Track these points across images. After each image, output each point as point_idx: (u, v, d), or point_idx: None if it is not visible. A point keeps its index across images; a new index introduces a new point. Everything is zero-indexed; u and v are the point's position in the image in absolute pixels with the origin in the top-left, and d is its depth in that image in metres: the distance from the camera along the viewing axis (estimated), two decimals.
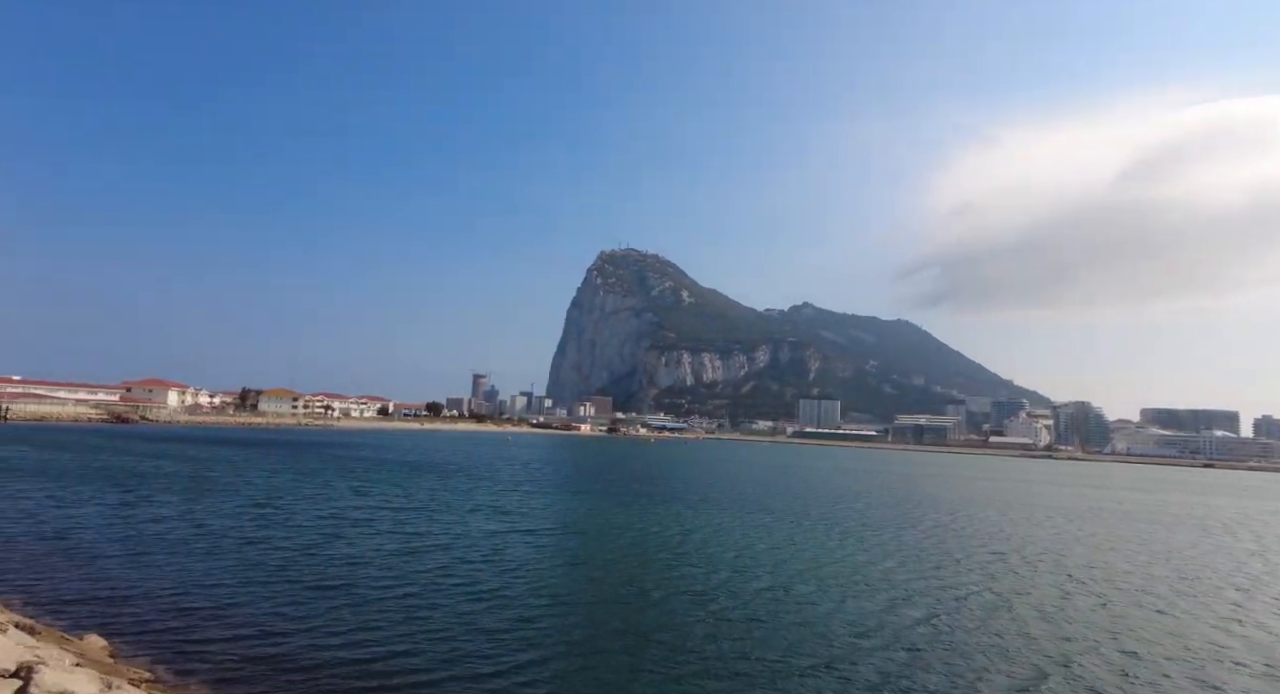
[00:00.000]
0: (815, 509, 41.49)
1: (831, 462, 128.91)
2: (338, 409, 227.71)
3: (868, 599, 18.74)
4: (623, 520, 32.57)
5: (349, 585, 17.37)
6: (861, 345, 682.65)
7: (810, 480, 70.41)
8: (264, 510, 29.69)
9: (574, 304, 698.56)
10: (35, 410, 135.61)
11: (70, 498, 30.78)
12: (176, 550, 20.66)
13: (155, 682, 10.54)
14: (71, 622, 13.40)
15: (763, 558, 24.32)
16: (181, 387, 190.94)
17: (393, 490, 40.71)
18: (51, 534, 22.48)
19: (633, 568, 21.69)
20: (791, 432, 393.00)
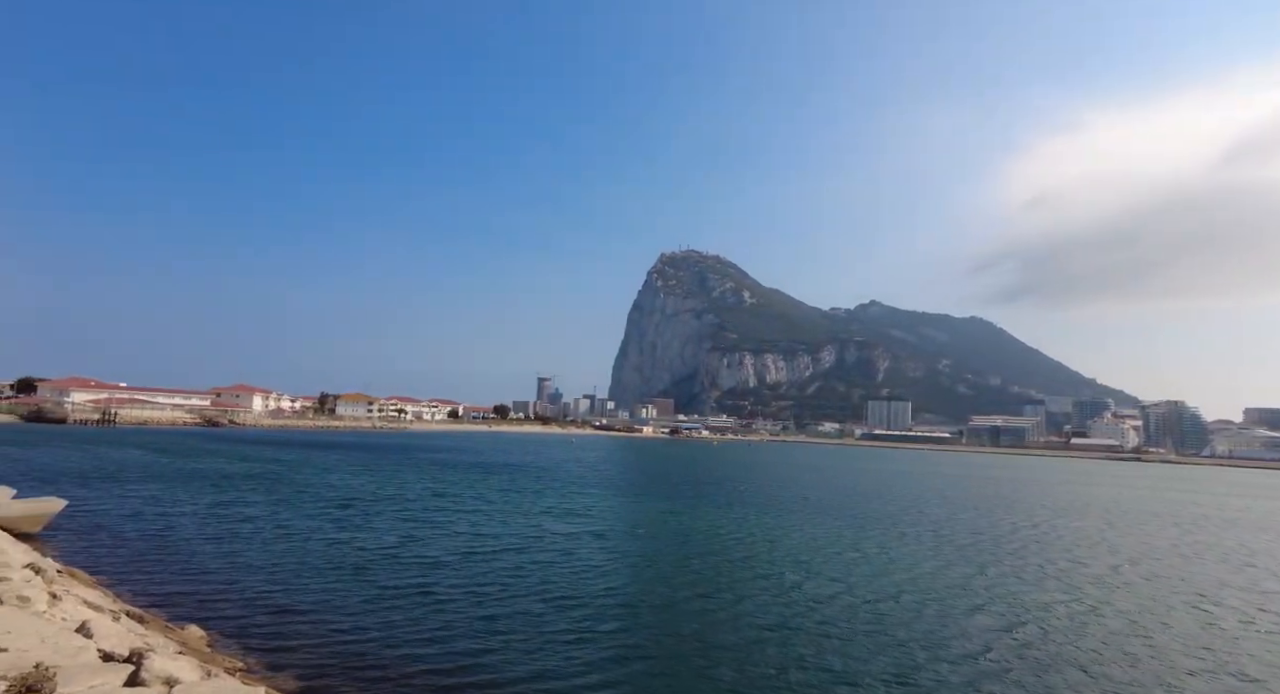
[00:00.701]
0: (892, 514, 40.03)
1: (904, 464, 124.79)
2: (410, 412, 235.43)
3: (963, 614, 17.65)
4: (692, 524, 32.21)
5: (428, 586, 17.72)
6: (933, 344, 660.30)
7: (884, 484, 68.09)
8: (346, 512, 30.75)
9: (635, 307, 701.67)
10: (139, 415, 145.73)
11: (170, 498, 32.84)
12: (266, 549, 21.64)
13: (247, 671, 11.10)
14: (173, 613, 14.25)
15: (840, 565, 23.53)
16: (265, 392, 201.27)
17: (466, 492, 41.62)
18: (154, 532, 24.03)
19: (705, 573, 21.33)
20: (860, 434, 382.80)
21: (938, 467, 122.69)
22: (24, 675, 5.32)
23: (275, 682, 10.68)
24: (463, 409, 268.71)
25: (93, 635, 8.01)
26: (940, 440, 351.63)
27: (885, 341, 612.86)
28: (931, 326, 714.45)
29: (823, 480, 69.65)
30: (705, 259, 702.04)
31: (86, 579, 15.86)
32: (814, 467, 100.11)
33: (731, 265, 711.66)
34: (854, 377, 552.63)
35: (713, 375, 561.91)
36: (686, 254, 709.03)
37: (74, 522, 24.50)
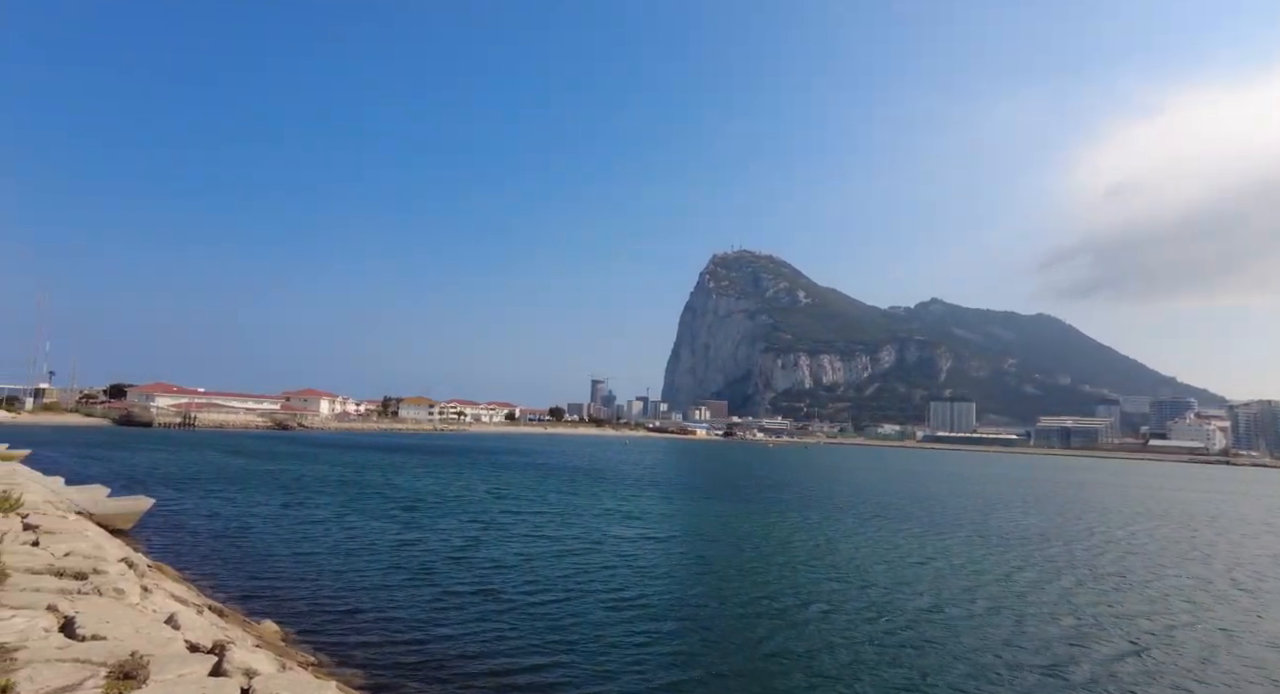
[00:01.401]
0: (965, 519, 38.49)
1: (970, 467, 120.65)
2: (469, 414, 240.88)
3: (1049, 624, 16.66)
4: (754, 527, 31.68)
5: (492, 589, 17.88)
6: (998, 342, 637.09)
7: (951, 487, 65.85)
8: (412, 513, 31.40)
9: (687, 308, 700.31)
10: (215, 418, 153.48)
11: (245, 499, 34.45)
12: (335, 550, 22.36)
13: (318, 666, 11.56)
14: (250, 608, 14.95)
15: (914, 572, 22.59)
16: (332, 396, 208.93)
17: (527, 494, 42.22)
18: (232, 531, 25.27)
19: (770, 579, 20.70)
20: (922, 435, 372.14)
21: (1007, 469, 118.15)
22: (122, 663, 5.72)
23: (344, 677, 11.09)
24: (519, 411, 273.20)
25: (180, 627, 8.51)
26: (1007, 442, 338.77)
27: (948, 340, 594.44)
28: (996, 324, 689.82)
29: (886, 483, 67.90)
30: (758, 259, 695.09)
31: (173, 574, 16.81)
32: (876, 469, 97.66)
33: (785, 265, 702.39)
34: (915, 377, 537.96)
35: (767, 376, 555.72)
36: (739, 254, 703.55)
37: (160, 519, 25.97)
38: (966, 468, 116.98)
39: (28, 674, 5.32)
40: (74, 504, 21.84)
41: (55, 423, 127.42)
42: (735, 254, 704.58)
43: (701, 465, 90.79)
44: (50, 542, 11.73)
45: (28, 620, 6.82)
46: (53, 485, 24.79)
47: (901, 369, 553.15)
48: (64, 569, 9.70)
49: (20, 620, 6.78)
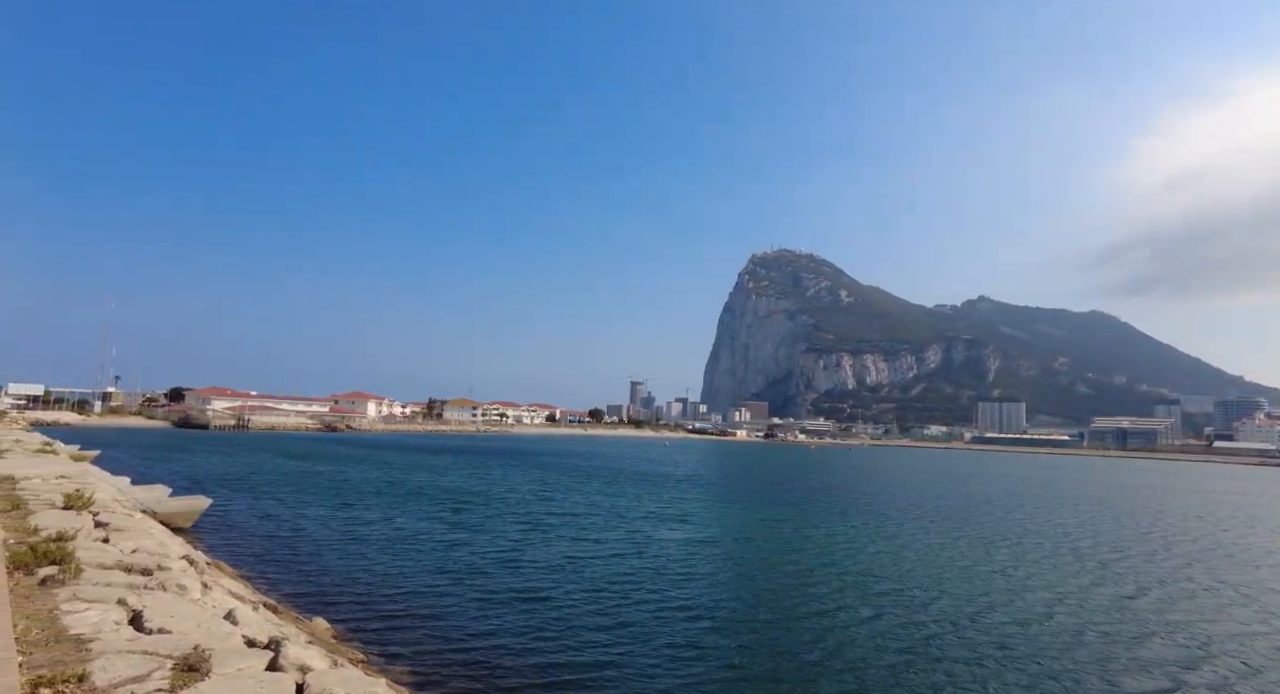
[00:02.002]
0: (1019, 523, 37.20)
1: (1022, 469, 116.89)
2: (511, 416, 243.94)
3: (1152, 642, 15.65)
4: (800, 531, 31.06)
5: (538, 591, 17.89)
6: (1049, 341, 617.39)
7: (1008, 490, 63.62)
8: (460, 515, 31.78)
9: (726, 309, 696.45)
10: (268, 421, 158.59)
11: (298, 499, 35.56)
12: (384, 550, 22.85)
13: (368, 663, 11.91)
14: (302, 606, 15.47)
15: (969, 580, 21.79)
16: (379, 398, 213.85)
17: (570, 495, 42.49)
18: (285, 530, 26.12)
19: (829, 587, 20.01)
20: (970, 437, 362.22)
21: (1061, 471, 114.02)
22: (186, 656, 6.02)
23: (393, 674, 11.39)
24: (559, 413, 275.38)
25: (238, 623, 8.88)
26: (1059, 443, 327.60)
27: (995, 339, 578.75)
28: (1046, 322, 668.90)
29: (938, 486, 66.30)
30: (798, 258, 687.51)
31: (230, 571, 17.48)
32: (925, 471, 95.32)
33: (826, 263, 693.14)
34: (962, 377, 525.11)
35: (808, 377, 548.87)
36: (779, 254, 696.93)
37: (217, 518, 27.01)
38: (1019, 470, 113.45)
39: (101, 664, 5.64)
40: (139, 503, 22.87)
41: (120, 425, 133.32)
42: (775, 253, 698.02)
43: (743, 467, 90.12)
44: (119, 539, 12.32)
45: (100, 613, 7.21)
46: (120, 485, 25.99)
47: (948, 369, 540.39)
48: (132, 565, 10.19)
49: (93, 613, 7.18)
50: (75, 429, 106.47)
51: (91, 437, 78.74)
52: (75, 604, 7.46)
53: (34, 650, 5.89)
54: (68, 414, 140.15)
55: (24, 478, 19.29)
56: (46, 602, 7.48)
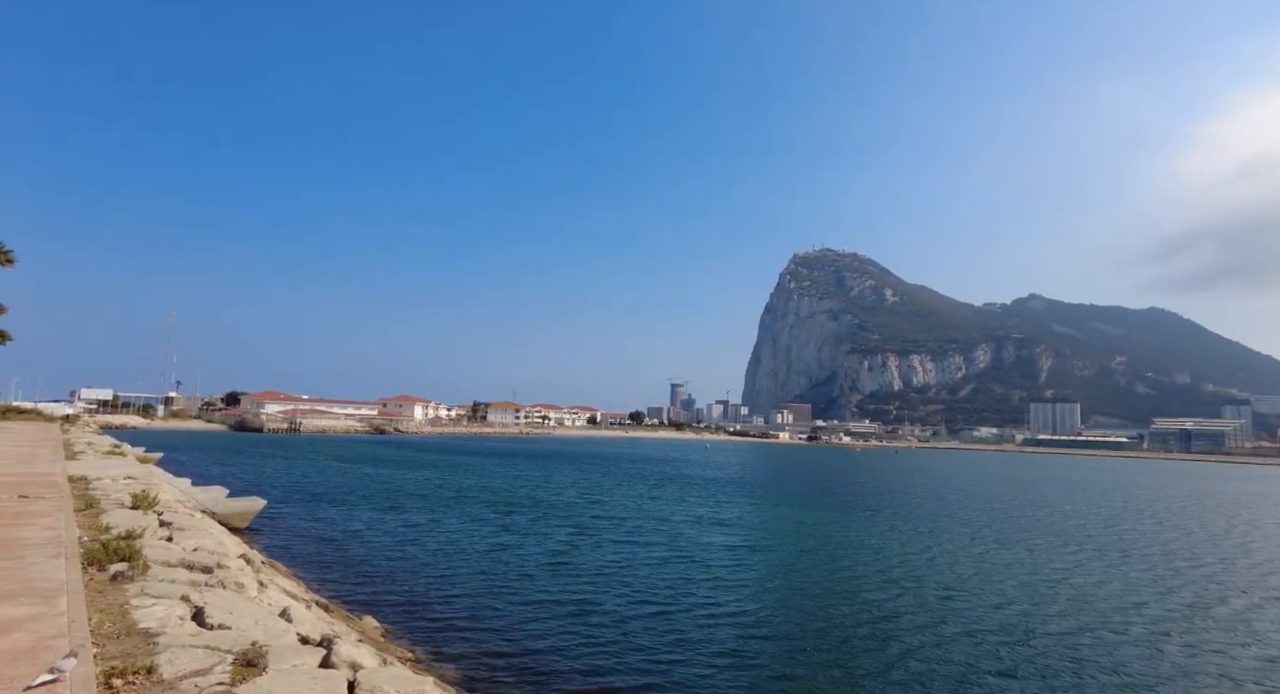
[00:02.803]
0: (1093, 531, 35.55)
1: (1080, 472, 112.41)
2: (553, 419, 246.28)
3: (1244, 656, 14.77)
4: (853, 537, 30.13)
5: (585, 594, 17.77)
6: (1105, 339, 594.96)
7: (1067, 494, 61.18)
8: (506, 517, 31.89)
9: (767, 310, 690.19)
10: (319, 424, 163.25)
11: (348, 501, 36.57)
12: (432, 551, 23.25)
13: (416, 661, 12.19)
14: (352, 604, 15.92)
15: (1051, 590, 20.68)
16: (425, 401, 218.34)
17: (617, 498, 42.54)
18: (335, 531, 26.88)
19: (885, 595, 19.37)
20: (1021, 439, 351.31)
21: (1123, 475, 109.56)
22: (244, 651, 6.28)
23: (441, 672, 11.63)
24: (600, 415, 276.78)
25: (292, 620, 9.19)
26: (1116, 445, 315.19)
27: (1048, 338, 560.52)
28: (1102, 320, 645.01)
29: (989, 489, 64.57)
30: (841, 257, 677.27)
31: (284, 570, 18.07)
32: (975, 474, 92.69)
33: (871, 262, 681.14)
34: (1013, 377, 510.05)
35: (853, 378, 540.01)
36: (821, 253, 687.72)
37: (271, 519, 27.95)
38: (1078, 473, 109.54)
39: (167, 658, 5.94)
40: (199, 503, 23.83)
41: (181, 428, 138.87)
42: (817, 253, 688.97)
43: (788, 470, 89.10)
44: (181, 537, 12.87)
45: (166, 608, 7.57)
46: (181, 486, 27.08)
47: (998, 369, 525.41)
48: (193, 563, 10.64)
49: (160, 608, 7.54)
50: (140, 432, 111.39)
51: (155, 439, 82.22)
52: (143, 599, 7.85)
53: (107, 643, 6.23)
54: (134, 418, 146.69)
55: (96, 478, 20.29)
56: (117, 596, 7.88)
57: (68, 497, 15.62)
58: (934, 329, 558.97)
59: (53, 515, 12.81)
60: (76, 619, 6.59)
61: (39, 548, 9.82)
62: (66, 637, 6.06)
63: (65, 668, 5.10)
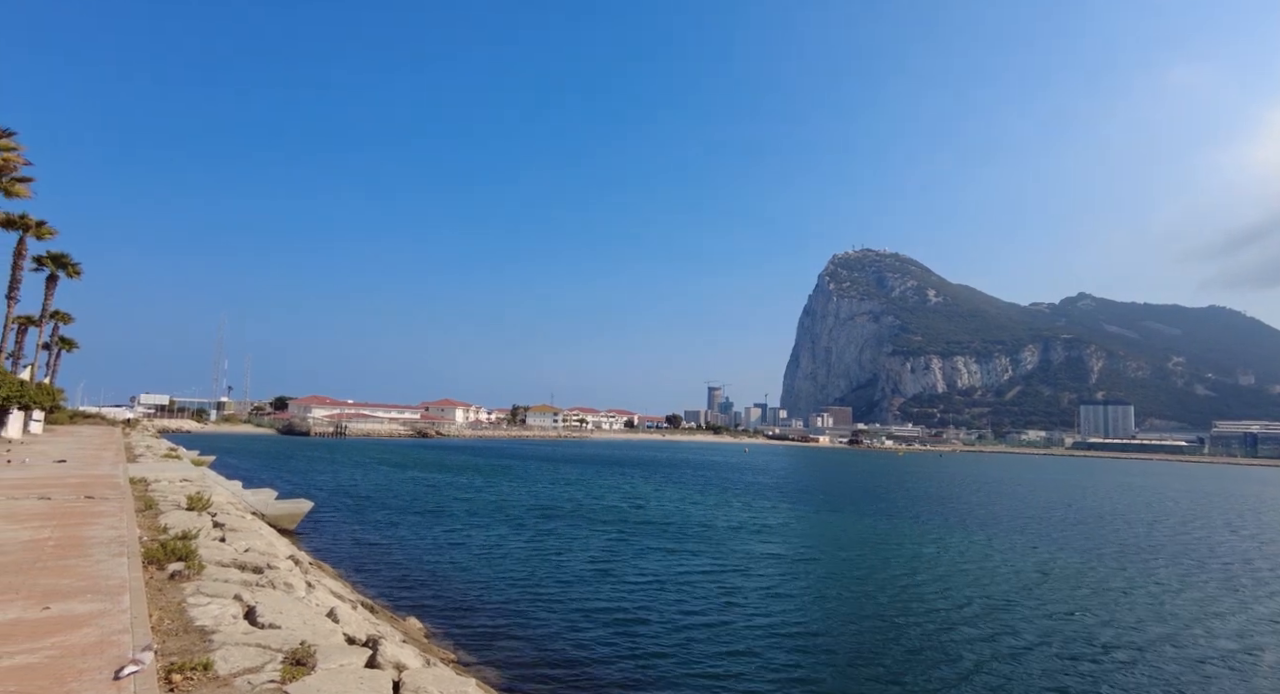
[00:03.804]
0: (1162, 540, 33.92)
1: (1136, 477, 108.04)
2: (590, 422, 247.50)
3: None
4: (907, 547, 28.48)
5: (630, 603, 17.57)
6: (1160, 339, 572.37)
7: (1129, 501, 58.51)
8: (549, 523, 31.75)
9: (805, 312, 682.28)
10: (364, 428, 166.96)
11: (393, 504, 37.36)
12: (474, 555, 23.49)
13: (459, 663, 12.39)
14: (395, 605, 16.25)
15: (1122, 603, 19.66)
16: (466, 405, 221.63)
17: (658, 502, 42.28)
18: (380, 533, 27.48)
19: (941, 602, 18.74)
20: (1072, 442, 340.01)
21: (1184, 480, 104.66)
22: (294, 650, 6.48)
23: (482, 674, 11.80)
24: (637, 419, 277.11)
25: (339, 621, 9.44)
26: (1174, 449, 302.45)
27: (1098, 338, 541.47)
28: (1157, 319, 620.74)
29: (1046, 495, 62.46)
30: (882, 257, 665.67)
31: (330, 571, 18.55)
32: (1027, 479, 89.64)
33: (913, 262, 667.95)
34: (1062, 379, 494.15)
35: (895, 381, 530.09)
36: (861, 254, 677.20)
37: (317, 521, 28.71)
38: (1137, 478, 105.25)
39: (222, 655, 6.16)
40: (250, 505, 24.61)
41: (232, 432, 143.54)
42: (857, 254, 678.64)
43: (831, 474, 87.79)
44: (233, 538, 13.32)
45: (220, 607, 7.85)
46: (233, 488, 27.98)
47: (1046, 370, 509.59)
48: (245, 563, 11.01)
49: (214, 607, 7.82)
50: (194, 435, 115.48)
51: (208, 443, 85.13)
52: (199, 598, 8.15)
53: (166, 639, 6.50)
54: (188, 422, 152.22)
55: (154, 481, 21.13)
56: (175, 595, 8.21)
57: (129, 498, 16.30)
58: (979, 330, 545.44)
59: (116, 516, 13.39)
60: (138, 616, 6.89)
61: (104, 546, 10.29)
62: (130, 632, 6.34)
63: (145, 660, 5.51)
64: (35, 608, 6.99)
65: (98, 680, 5.20)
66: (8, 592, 7.56)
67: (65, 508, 14.23)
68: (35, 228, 41.98)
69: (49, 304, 56.00)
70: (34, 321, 58.65)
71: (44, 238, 43.73)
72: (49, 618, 6.71)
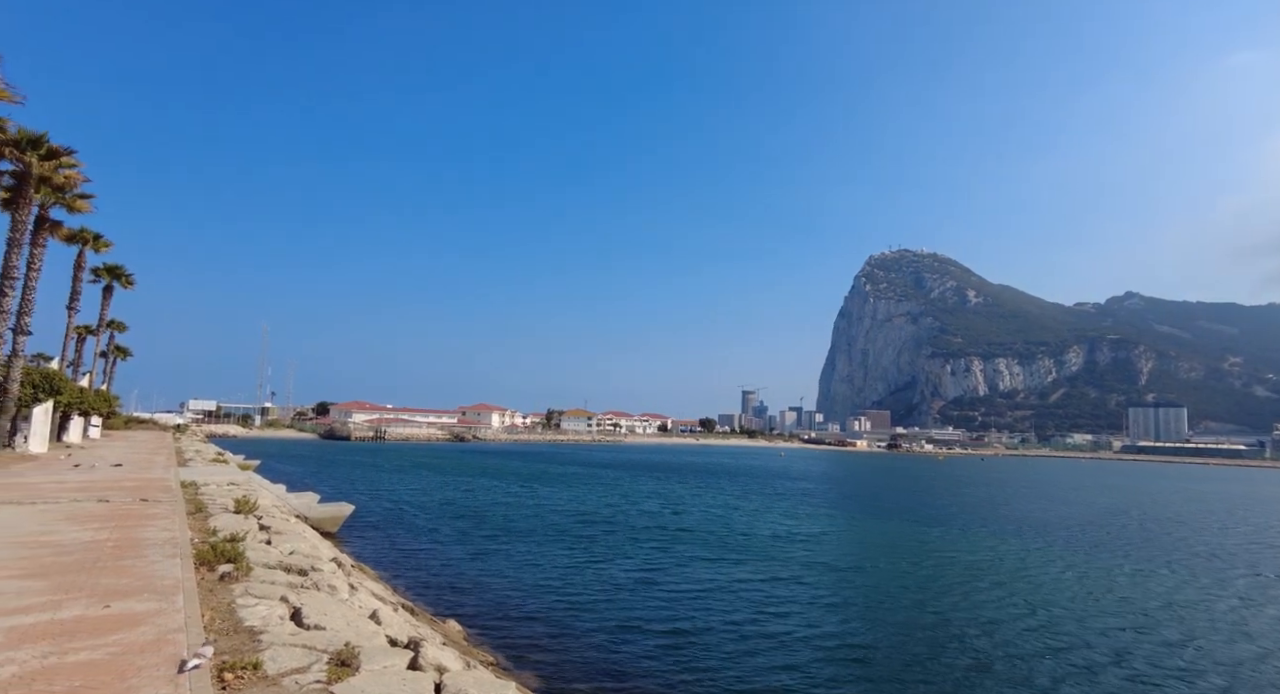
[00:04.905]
0: (1236, 549, 32.34)
1: (1193, 482, 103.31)
2: (624, 426, 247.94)
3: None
4: (963, 555, 27.77)
5: (672, 611, 17.27)
6: (1215, 339, 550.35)
7: (1192, 509, 55.91)
8: (588, 529, 31.40)
9: (841, 314, 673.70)
10: (402, 432, 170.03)
11: (432, 508, 38.01)
12: (512, 560, 23.63)
13: (497, 666, 12.52)
14: (435, 608, 16.51)
15: (1200, 614, 19.04)
16: (502, 409, 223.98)
17: (697, 507, 42.05)
18: (419, 536, 27.98)
19: (1005, 613, 18.08)
20: (1120, 446, 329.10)
21: (1247, 485, 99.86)
22: (339, 652, 6.64)
23: (521, 678, 11.90)
24: (670, 423, 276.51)
25: (381, 623, 9.64)
26: (1233, 453, 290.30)
27: (1148, 338, 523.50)
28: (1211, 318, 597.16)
29: (1102, 500, 60.36)
30: (920, 258, 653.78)
31: (371, 573, 18.92)
32: (1079, 485, 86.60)
33: (952, 262, 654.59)
34: (1109, 380, 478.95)
35: (934, 384, 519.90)
36: (898, 254, 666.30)
37: (358, 524, 29.29)
38: (1194, 483, 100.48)
39: (270, 655, 6.35)
40: (293, 508, 25.22)
41: (276, 437, 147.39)
42: (894, 254, 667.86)
43: (872, 479, 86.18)
44: (279, 541, 13.69)
45: (268, 608, 8.08)
46: (277, 492, 28.72)
47: (1092, 372, 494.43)
48: (290, 565, 11.30)
49: (262, 608, 8.06)
50: (240, 440, 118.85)
51: (253, 447, 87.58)
52: (247, 599, 8.41)
53: (218, 638, 6.72)
54: (234, 427, 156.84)
55: (203, 484, 21.83)
56: (225, 596, 8.48)
57: (180, 501, 16.87)
58: (1021, 331, 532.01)
59: (169, 518, 13.88)
60: (192, 616, 7.15)
61: (158, 548, 10.68)
62: (184, 631, 6.58)
63: (206, 654, 5.82)
64: (97, 606, 7.30)
65: (155, 677, 5.41)
66: (72, 590, 7.92)
67: (122, 510, 14.80)
68: (93, 241, 43.73)
69: (105, 313, 58.28)
70: (92, 331, 61.11)
71: (101, 251, 45.53)
72: (110, 616, 7.00)
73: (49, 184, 30.86)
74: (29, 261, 32.05)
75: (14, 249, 29.50)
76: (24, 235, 30.25)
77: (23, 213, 29.65)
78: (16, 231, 29.64)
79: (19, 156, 29.21)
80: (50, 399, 35.90)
